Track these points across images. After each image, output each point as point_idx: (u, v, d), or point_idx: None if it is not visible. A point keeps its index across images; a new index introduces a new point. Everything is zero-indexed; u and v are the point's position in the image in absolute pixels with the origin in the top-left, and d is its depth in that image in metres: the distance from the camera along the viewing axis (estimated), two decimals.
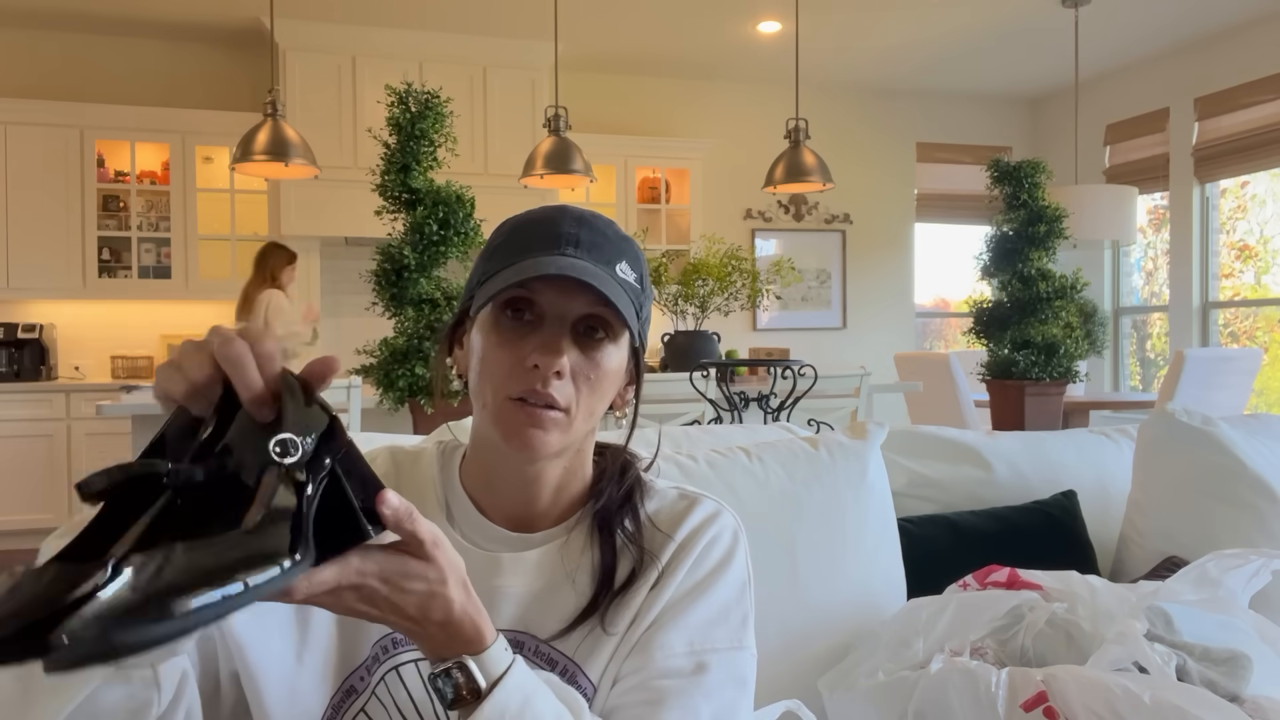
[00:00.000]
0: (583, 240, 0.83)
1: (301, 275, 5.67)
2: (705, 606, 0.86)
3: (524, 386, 0.80)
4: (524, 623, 0.86)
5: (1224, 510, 1.61)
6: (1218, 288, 6.07)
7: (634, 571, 0.86)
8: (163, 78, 5.83)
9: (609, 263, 0.83)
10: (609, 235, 0.85)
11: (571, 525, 0.89)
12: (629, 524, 0.88)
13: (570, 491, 0.90)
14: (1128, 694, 1.01)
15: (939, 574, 1.42)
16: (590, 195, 6.27)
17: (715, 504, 0.92)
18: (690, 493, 0.93)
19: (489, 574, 0.85)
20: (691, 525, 0.89)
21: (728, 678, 0.85)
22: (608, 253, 0.84)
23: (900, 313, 7.20)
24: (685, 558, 0.87)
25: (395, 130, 3.16)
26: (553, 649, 0.85)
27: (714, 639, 0.86)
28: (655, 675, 0.82)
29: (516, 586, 0.86)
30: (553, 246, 0.82)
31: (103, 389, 5.23)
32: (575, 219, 0.85)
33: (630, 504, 0.90)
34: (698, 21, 5.60)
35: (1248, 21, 5.66)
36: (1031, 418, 3.95)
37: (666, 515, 0.90)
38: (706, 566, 0.88)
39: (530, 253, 0.82)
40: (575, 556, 0.87)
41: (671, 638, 0.84)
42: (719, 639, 0.86)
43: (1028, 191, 3.97)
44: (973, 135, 7.33)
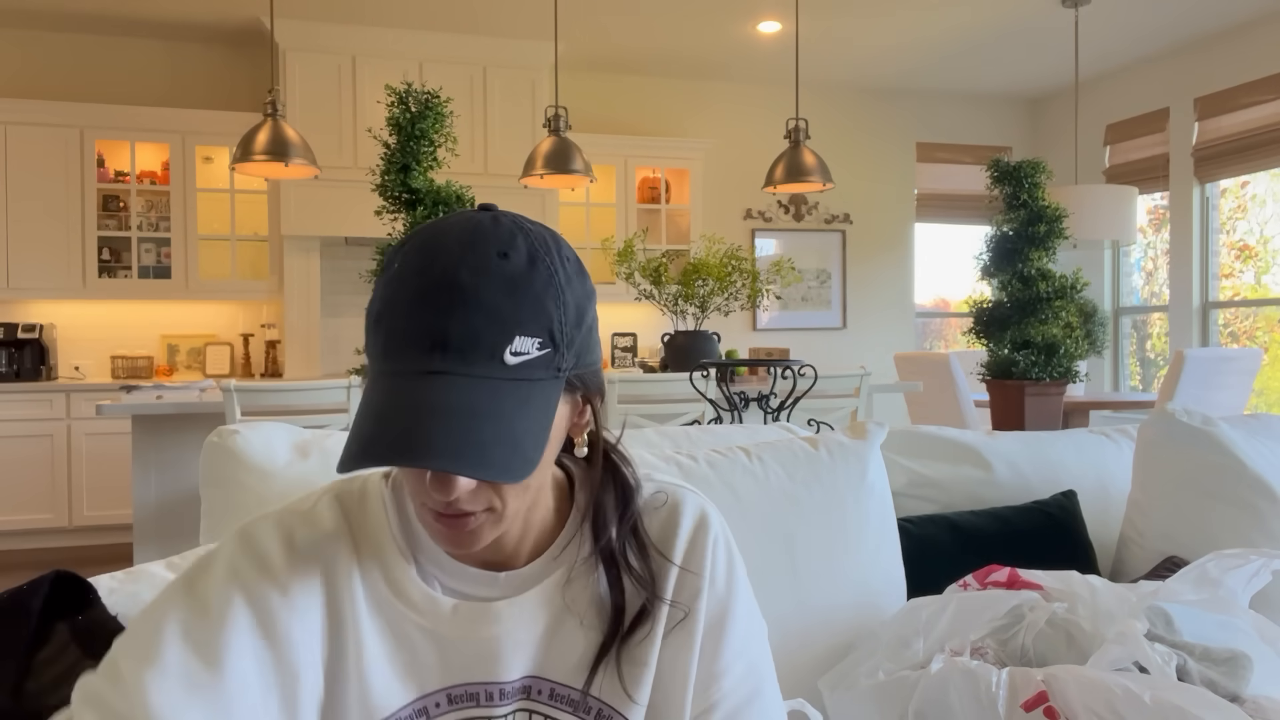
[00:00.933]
0: (452, 337, 0.67)
1: (301, 275, 5.67)
2: (740, 619, 0.85)
3: (433, 502, 0.71)
4: (538, 668, 0.80)
5: (1224, 510, 1.61)
6: (1218, 288, 6.07)
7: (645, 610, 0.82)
8: (163, 78, 5.83)
9: (493, 351, 0.68)
10: (496, 295, 0.68)
11: (566, 556, 0.82)
12: (636, 562, 0.83)
13: (537, 524, 0.82)
14: (1128, 694, 1.01)
15: (939, 574, 1.42)
16: (590, 195, 6.27)
17: (690, 494, 0.88)
18: (665, 487, 0.87)
19: (485, 624, 0.79)
20: (687, 538, 0.85)
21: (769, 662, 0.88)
22: (492, 333, 0.68)
23: (900, 313, 7.20)
24: (699, 591, 0.83)
25: (395, 130, 3.16)
26: (572, 690, 0.80)
27: (757, 650, 0.87)
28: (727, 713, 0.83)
29: (521, 634, 0.80)
30: (421, 349, 0.68)
31: (103, 389, 5.23)
32: (449, 293, 0.67)
33: (636, 539, 0.84)
34: (698, 21, 5.60)
35: (1248, 21, 5.66)
36: (1031, 418, 3.95)
37: (655, 527, 0.85)
38: (722, 578, 0.85)
39: (399, 356, 0.68)
40: (580, 593, 0.81)
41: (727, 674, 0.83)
42: (758, 650, 0.87)
43: (1028, 191, 3.97)
44: (973, 135, 7.33)
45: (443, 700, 0.78)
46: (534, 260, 0.71)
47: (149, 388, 4.30)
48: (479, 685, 0.79)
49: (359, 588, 0.78)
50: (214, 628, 0.72)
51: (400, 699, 0.77)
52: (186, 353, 5.88)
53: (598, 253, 6.27)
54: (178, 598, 0.74)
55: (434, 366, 0.68)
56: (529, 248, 0.71)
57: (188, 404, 3.41)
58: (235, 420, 3.06)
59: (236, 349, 5.94)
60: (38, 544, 5.25)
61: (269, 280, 5.77)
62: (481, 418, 0.67)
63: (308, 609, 0.75)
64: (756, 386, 3.82)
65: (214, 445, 1.33)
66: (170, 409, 3.41)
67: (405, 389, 0.67)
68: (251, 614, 0.73)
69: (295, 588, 0.75)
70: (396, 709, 0.77)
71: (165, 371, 5.80)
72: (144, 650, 0.71)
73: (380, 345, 0.70)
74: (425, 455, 0.64)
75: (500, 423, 0.67)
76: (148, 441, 3.58)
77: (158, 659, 0.70)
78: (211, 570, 0.76)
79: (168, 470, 3.60)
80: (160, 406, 3.40)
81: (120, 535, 5.30)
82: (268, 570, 0.75)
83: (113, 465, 5.26)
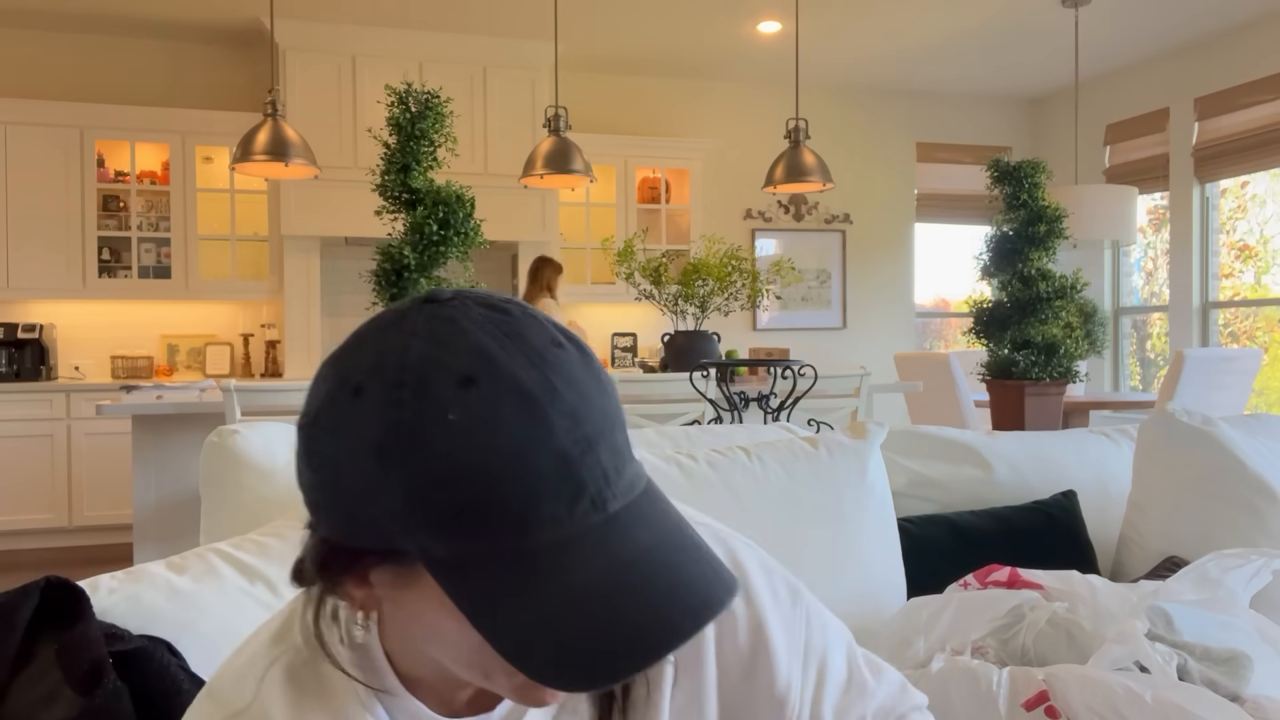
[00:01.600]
0: (610, 466, 0.54)
1: (301, 275, 5.67)
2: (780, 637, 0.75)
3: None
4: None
5: (1224, 510, 1.61)
6: (1218, 288, 6.07)
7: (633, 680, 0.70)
8: (163, 78, 5.83)
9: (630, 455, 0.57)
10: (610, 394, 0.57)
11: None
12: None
13: None
14: (1129, 693, 1.01)
15: (939, 574, 1.42)
16: (590, 195, 6.27)
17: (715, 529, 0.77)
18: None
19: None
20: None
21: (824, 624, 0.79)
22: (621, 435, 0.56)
23: (900, 313, 7.20)
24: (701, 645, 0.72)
25: (395, 130, 3.16)
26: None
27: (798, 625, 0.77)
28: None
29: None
30: (578, 498, 0.53)
31: (103, 389, 5.23)
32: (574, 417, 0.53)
33: None
34: (698, 21, 5.60)
35: (1248, 21, 5.67)
36: (1031, 418, 3.95)
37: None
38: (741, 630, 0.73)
39: (544, 522, 0.52)
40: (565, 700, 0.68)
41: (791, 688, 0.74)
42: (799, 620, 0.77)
43: (1028, 191, 3.97)
44: (973, 135, 7.33)
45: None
46: (567, 336, 0.58)
47: (149, 388, 4.30)
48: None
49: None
50: None
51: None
52: (186, 353, 5.88)
53: (598, 253, 6.27)
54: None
55: (618, 504, 0.54)
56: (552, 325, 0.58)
57: (188, 404, 3.41)
58: (235, 420, 3.05)
59: (236, 349, 5.94)
60: (38, 544, 5.25)
61: (269, 280, 5.77)
62: (689, 530, 0.57)
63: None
64: (756, 386, 3.82)
65: (214, 445, 1.33)
66: (170, 409, 3.41)
67: (626, 540, 0.53)
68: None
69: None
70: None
71: (165, 371, 5.80)
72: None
73: (535, 507, 0.52)
74: (715, 603, 0.53)
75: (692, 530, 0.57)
76: (148, 441, 3.58)
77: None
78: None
79: (168, 470, 3.60)
80: (160, 406, 3.40)
81: (120, 535, 5.30)
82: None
83: (113, 465, 5.26)
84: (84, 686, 0.81)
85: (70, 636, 0.88)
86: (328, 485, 0.55)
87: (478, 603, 0.52)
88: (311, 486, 0.56)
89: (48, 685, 0.84)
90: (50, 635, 0.88)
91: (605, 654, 0.50)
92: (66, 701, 0.80)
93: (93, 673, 0.81)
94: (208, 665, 0.97)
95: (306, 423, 0.57)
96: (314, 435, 0.56)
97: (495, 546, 0.51)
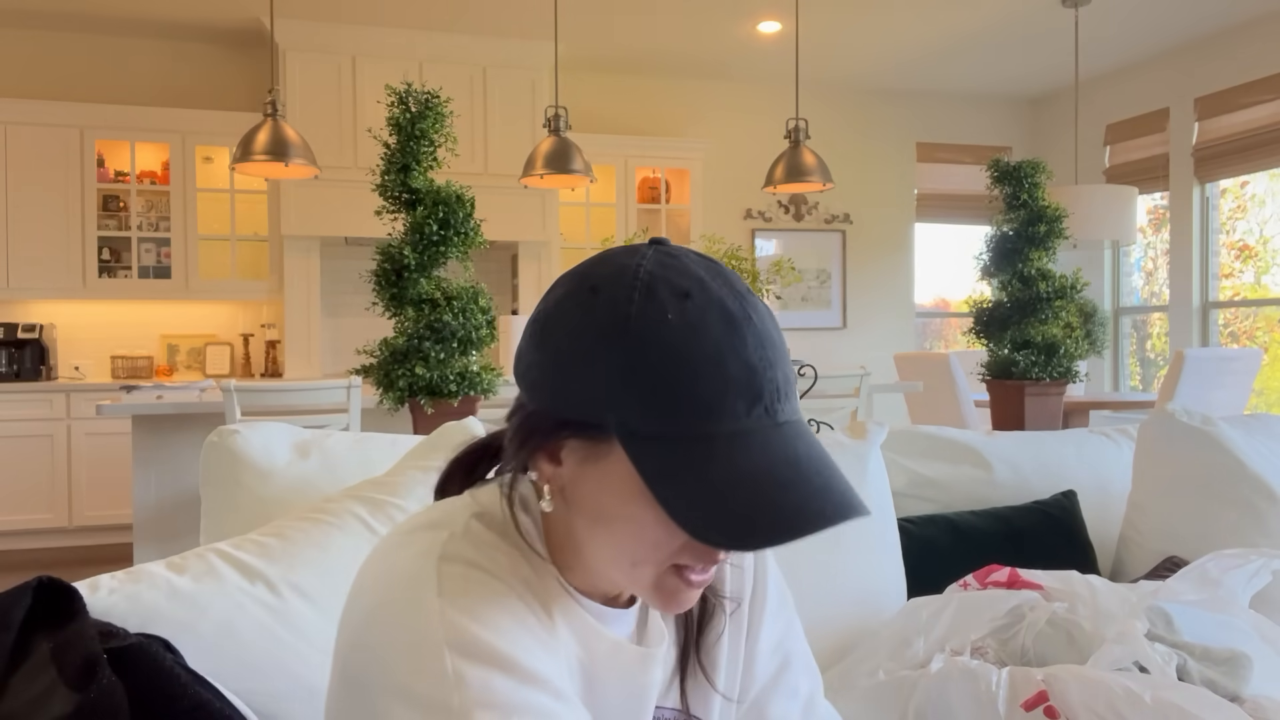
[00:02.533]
0: (782, 388, 0.65)
1: (301, 275, 5.67)
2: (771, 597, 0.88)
3: (700, 563, 0.68)
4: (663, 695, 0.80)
5: (1224, 510, 1.61)
6: (1218, 288, 6.07)
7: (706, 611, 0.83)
8: (163, 78, 5.83)
9: (796, 390, 0.68)
10: (782, 341, 0.68)
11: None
12: None
13: None
14: (1128, 694, 1.01)
15: (939, 574, 1.42)
16: (590, 195, 6.27)
17: None
18: None
19: (644, 670, 0.77)
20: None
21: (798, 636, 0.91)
22: (794, 379, 0.68)
23: (900, 313, 7.20)
24: (744, 573, 0.87)
25: (395, 130, 3.16)
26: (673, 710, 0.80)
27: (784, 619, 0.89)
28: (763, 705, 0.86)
29: (659, 675, 0.78)
30: (755, 402, 0.64)
31: (103, 389, 5.23)
32: (761, 342, 0.65)
33: None
34: (697, 21, 5.60)
35: (1248, 21, 5.67)
36: (1031, 418, 3.95)
37: None
38: (758, 570, 0.88)
39: (727, 413, 0.63)
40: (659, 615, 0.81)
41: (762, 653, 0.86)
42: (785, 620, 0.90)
43: (1028, 191, 3.97)
44: (973, 135, 7.33)
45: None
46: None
47: (149, 388, 4.30)
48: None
49: (558, 624, 0.72)
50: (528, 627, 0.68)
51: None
52: (186, 353, 5.88)
53: (598, 253, 6.26)
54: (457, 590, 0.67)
55: (782, 417, 0.65)
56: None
57: (188, 404, 3.41)
58: (235, 420, 3.06)
59: (236, 349, 5.94)
60: (38, 544, 5.25)
61: (269, 280, 5.77)
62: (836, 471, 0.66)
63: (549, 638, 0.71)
64: None
65: (214, 445, 1.33)
66: (170, 409, 3.41)
67: (786, 443, 0.64)
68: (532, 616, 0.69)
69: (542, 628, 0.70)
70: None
71: (165, 371, 5.80)
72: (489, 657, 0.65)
73: (694, 405, 0.62)
74: (853, 507, 0.62)
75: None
76: (148, 441, 3.59)
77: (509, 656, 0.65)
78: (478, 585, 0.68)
79: (168, 470, 3.60)
80: (160, 406, 3.40)
81: (120, 535, 5.30)
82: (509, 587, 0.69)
83: (113, 465, 5.26)
84: (79, 683, 0.81)
85: (64, 634, 0.88)
86: (551, 364, 0.67)
87: (660, 473, 0.62)
88: (533, 365, 0.68)
89: (43, 683, 0.84)
90: (44, 634, 0.88)
91: (761, 525, 0.60)
92: (62, 699, 0.80)
93: (87, 669, 0.81)
94: (207, 665, 0.97)
95: (540, 315, 0.70)
96: (546, 323, 0.68)
97: (684, 427, 0.62)
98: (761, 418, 0.64)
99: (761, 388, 0.64)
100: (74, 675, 0.80)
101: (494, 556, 0.71)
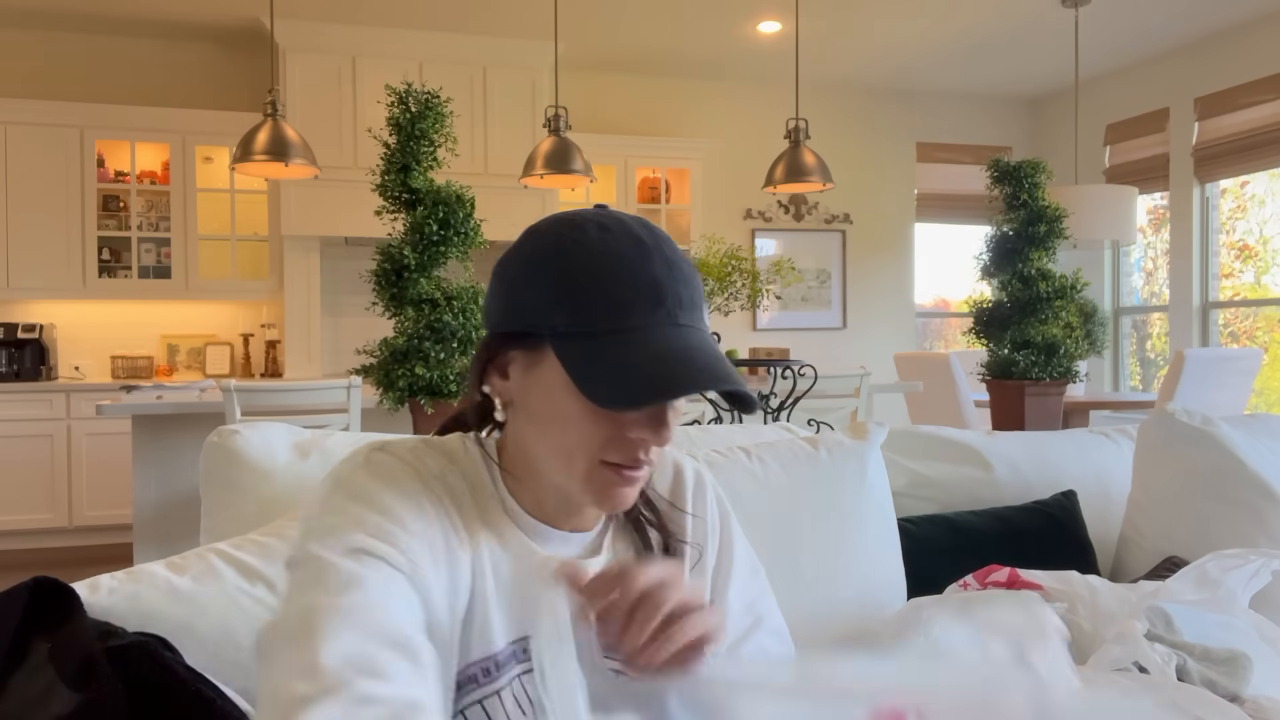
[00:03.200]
0: (684, 300, 0.79)
1: (301, 275, 5.67)
2: (739, 562, 0.98)
3: (625, 456, 0.79)
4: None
5: (1224, 510, 1.61)
6: (1218, 288, 6.07)
7: (670, 553, 0.93)
8: (163, 78, 5.83)
9: (702, 314, 0.81)
10: (693, 273, 0.82)
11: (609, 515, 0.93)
12: (646, 511, 0.94)
13: None
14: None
15: (939, 574, 1.42)
16: (590, 195, 6.27)
17: (686, 457, 1.01)
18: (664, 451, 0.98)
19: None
20: (691, 491, 0.97)
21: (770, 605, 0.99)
22: (699, 298, 0.81)
23: (900, 313, 7.20)
24: (707, 533, 0.96)
25: (395, 130, 3.16)
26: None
27: (755, 589, 0.98)
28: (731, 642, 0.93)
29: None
30: (659, 306, 0.78)
31: (103, 389, 5.23)
32: (667, 264, 0.79)
33: (643, 494, 0.94)
34: (698, 21, 5.60)
35: (1248, 21, 5.67)
36: (1031, 418, 3.95)
37: (662, 485, 0.97)
38: (724, 531, 0.98)
39: (634, 313, 0.77)
40: (623, 544, 0.92)
41: (731, 610, 0.95)
42: (757, 588, 0.98)
43: (1028, 191, 3.97)
44: (973, 135, 7.33)
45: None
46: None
47: (149, 388, 4.30)
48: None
49: (480, 528, 0.84)
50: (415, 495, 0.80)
51: (503, 639, 0.84)
52: (186, 353, 5.88)
53: None
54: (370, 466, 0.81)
55: (681, 321, 0.79)
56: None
57: (188, 404, 3.41)
58: (235, 420, 3.05)
59: (236, 349, 5.94)
60: (38, 544, 5.25)
61: (269, 280, 5.77)
62: (730, 369, 0.79)
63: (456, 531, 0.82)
64: (756, 386, 3.82)
65: (214, 445, 1.33)
66: (170, 409, 3.41)
67: (681, 337, 0.78)
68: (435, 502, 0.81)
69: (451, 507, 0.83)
70: (501, 647, 0.84)
71: (165, 371, 5.80)
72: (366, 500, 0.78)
73: (611, 306, 0.77)
74: (730, 380, 0.76)
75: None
76: (148, 441, 3.58)
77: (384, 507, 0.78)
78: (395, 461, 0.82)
79: (168, 470, 3.60)
80: (160, 406, 3.40)
81: (120, 535, 5.30)
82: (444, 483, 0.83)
83: (113, 465, 5.26)
84: (78, 682, 0.81)
85: (62, 634, 0.88)
86: (500, 292, 0.83)
87: (578, 362, 0.77)
88: (491, 296, 0.84)
89: (42, 683, 0.85)
90: (42, 634, 0.88)
91: (647, 387, 0.74)
92: (61, 698, 0.80)
93: (86, 668, 0.82)
94: (207, 665, 0.97)
95: (499, 260, 0.85)
96: (502, 262, 0.84)
97: (600, 326, 0.77)
98: (664, 318, 0.78)
99: (664, 295, 0.78)
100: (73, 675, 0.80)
101: (423, 460, 0.84)
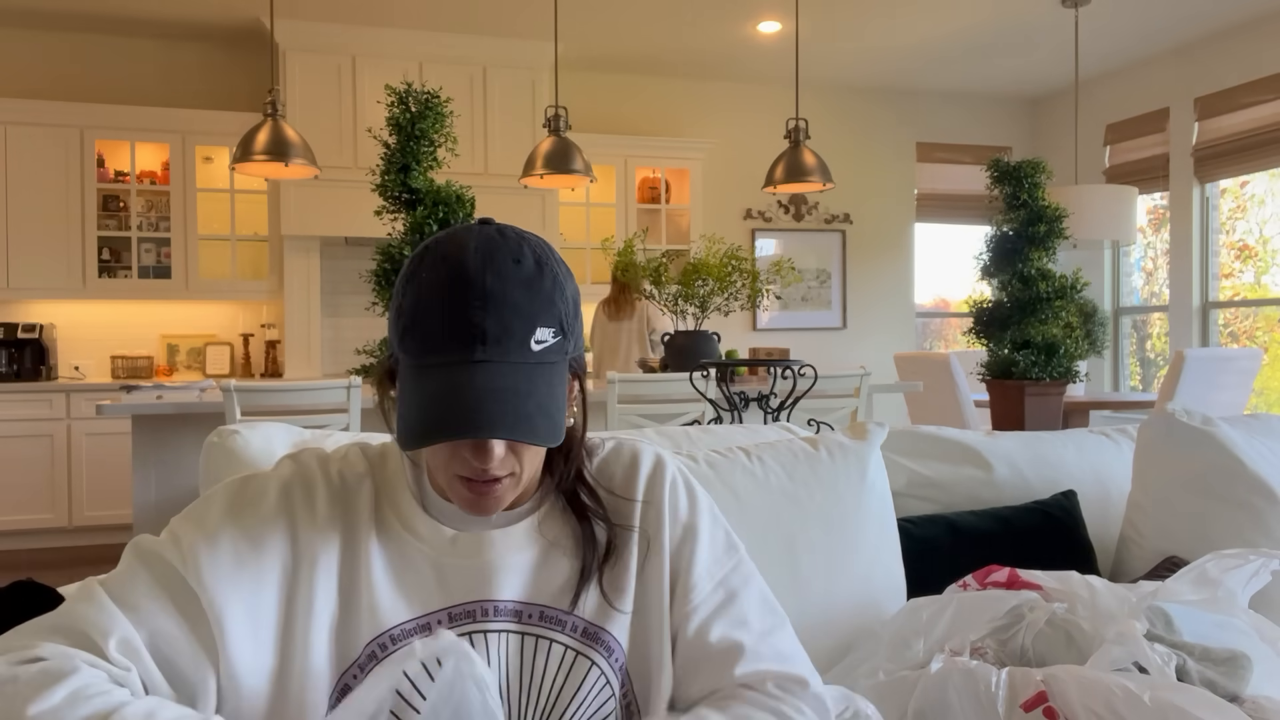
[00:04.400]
0: (490, 332, 0.82)
1: (301, 275, 5.67)
2: (704, 540, 0.99)
3: (466, 470, 0.85)
4: (528, 594, 0.93)
5: (1224, 510, 1.61)
6: (1218, 288, 6.07)
7: (612, 540, 0.96)
8: (163, 78, 5.83)
9: (522, 341, 0.83)
10: (518, 296, 0.84)
11: (540, 499, 0.96)
12: (586, 497, 0.97)
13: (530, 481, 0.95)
14: (1128, 694, 1.01)
15: (939, 574, 1.42)
16: (590, 195, 6.27)
17: (647, 445, 1.03)
18: (623, 442, 1.03)
19: (481, 550, 0.93)
20: (645, 480, 1.00)
21: (749, 582, 1.00)
22: (521, 327, 0.83)
23: (900, 313, 7.20)
24: (660, 517, 0.98)
25: (395, 130, 3.16)
26: (559, 610, 0.93)
27: (728, 566, 1.00)
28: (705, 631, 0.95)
29: (511, 558, 0.93)
30: (463, 344, 0.82)
31: (103, 389, 5.23)
32: (481, 297, 0.82)
33: (581, 478, 0.98)
34: (698, 21, 5.60)
35: (1248, 21, 5.67)
36: (1031, 418, 3.95)
37: (616, 476, 1.00)
38: (683, 513, 0.99)
39: (436, 350, 0.82)
40: (556, 528, 0.96)
41: (699, 586, 0.97)
42: (729, 565, 1.00)
43: (1028, 191, 3.97)
44: (973, 135, 7.33)
45: (444, 618, 0.91)
46: (540, 264, 0.86)
47: (149, 388, 4.30)
48: (475, 604, 0.92)
49: (374, 521, 0.93)
50: (261, 523, 0.89)
51: (405, 615, 0.90)
52: (186, 353, 5.88)
53: (598, 253, 6.26)
54: (234, 492, 0.91)
55: (477, 357, 0.82)
56: (534, 254, 0.87)
57: (188, 404, 3.41)
58: (235, 420, 3.05)
59: (236, 349, 5.94)
60: (38, 544, 5.25)
61: (269, 280, 5.77)
62: (522, 396, 0.82)
63: (331, 534, 0.91)
64: (756, 386, 3.82)
65: (214, 445, 1.33)
66: (170, 409, 3.41)
67: (456, 376, 0.81)
68: (289, 525, 0.90)
69: (326, 514, 0.92)
70: (401, 623, 0.89)
71: (165, 371, 5.81)
72: (200, 524, 0.88)
73: (420, 343, 0.84)
74: (488, 428, 0.79)
75: (535, 399, 0.83)
76: (148, 441, 3.58)
77: (213, 533, 0.87)
78: (267, 482, 0.93)
79: (168, 470, 3.60)
80: (160, 406, 3.40)
81: (120, 535, 5.30)
82: (310, 495, 0.92)
83: (113, 465, 5.26)
84: None
85: None
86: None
87: (399, 392, 0.87)
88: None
89: None
90: None
91: (416, 431, 0.81)
92: None
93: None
94: None
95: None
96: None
97: (414, 358, 0.84)
98: (461, 355, 0.82)
99: (466, 333, 0.82)
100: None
101: (327, 469, 0.95)
